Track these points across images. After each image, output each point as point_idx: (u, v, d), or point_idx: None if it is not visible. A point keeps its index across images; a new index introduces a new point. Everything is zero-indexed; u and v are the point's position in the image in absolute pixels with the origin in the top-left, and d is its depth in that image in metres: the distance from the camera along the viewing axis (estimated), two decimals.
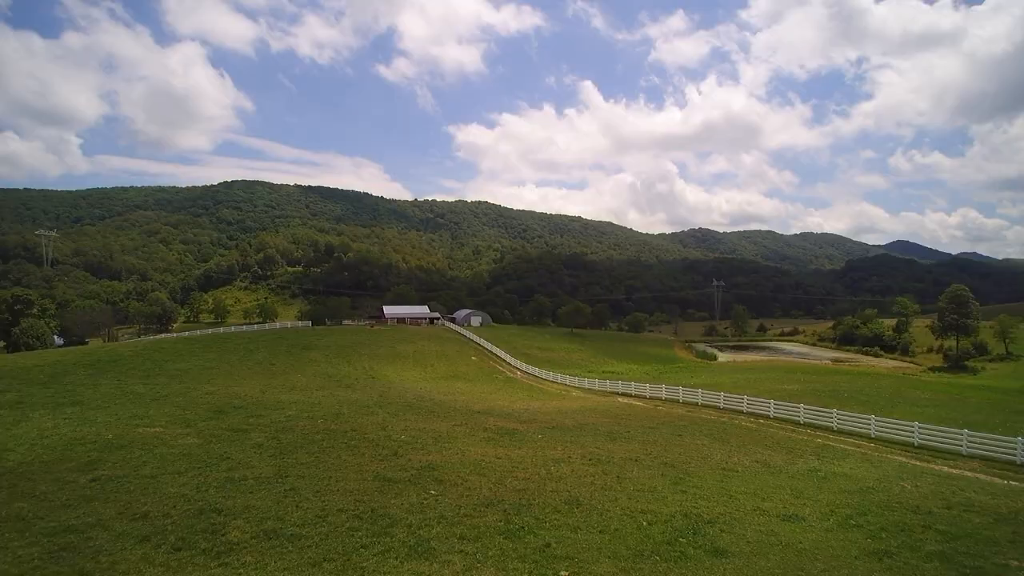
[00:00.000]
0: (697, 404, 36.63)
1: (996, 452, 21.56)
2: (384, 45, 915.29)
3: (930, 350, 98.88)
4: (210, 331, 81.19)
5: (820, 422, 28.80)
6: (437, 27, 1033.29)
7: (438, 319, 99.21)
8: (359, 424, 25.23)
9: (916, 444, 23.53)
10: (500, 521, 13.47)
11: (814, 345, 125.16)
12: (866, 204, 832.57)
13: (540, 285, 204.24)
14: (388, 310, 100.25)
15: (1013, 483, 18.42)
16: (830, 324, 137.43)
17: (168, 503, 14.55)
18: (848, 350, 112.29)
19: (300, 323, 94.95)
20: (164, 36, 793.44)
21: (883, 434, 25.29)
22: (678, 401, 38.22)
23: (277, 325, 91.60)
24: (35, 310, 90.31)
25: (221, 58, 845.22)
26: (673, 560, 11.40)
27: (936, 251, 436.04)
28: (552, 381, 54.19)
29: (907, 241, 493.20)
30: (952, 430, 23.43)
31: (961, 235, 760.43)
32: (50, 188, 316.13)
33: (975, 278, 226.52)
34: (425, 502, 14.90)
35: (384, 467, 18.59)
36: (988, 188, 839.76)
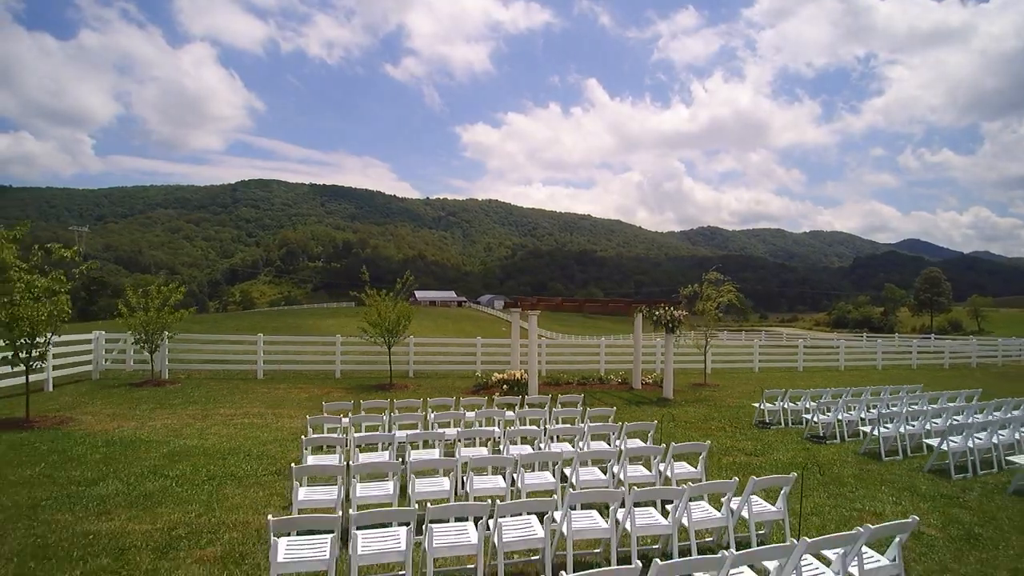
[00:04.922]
0: None
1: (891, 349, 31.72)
2: (393, 43, 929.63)
3: (913, 329, 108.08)
4: (265, 309, 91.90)
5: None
6: (445, 24, 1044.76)
7: (465, 302, 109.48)
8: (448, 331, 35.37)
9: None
10: None
11: (810, 329, 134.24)
12: (876, 203, 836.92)
13: (551, 279, 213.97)
14: (420, 294, 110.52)
15: None
16: (826, 312, 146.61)
17: None
18: (840, 332, 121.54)
19: (344, 304, 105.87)
20: (176, 37, 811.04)
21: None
22: None
23: (324, 305, 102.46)
24: (109, 291, 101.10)
25: (232, 58, 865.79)
26: None
27: (948, 250, 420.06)
28: None
29: (919, 240, 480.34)
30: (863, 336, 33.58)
31: (974, 234, 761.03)
32: (69, 187, 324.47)
33: (983, 275, 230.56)
34: None
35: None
36: (1000, 187, 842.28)
